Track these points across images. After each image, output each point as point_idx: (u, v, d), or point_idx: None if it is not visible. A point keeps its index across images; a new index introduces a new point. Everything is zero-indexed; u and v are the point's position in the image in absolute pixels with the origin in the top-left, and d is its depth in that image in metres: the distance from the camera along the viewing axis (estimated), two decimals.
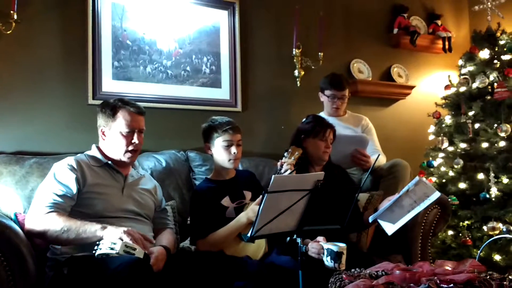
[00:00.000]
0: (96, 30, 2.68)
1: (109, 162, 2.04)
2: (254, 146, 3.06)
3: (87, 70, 2.64)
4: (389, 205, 2.01)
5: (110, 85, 2.71)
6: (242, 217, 2.11)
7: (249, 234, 1.65)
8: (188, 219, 2.34)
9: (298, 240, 1.75)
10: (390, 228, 2.02)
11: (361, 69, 3.56)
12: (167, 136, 2.84)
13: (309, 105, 3.07)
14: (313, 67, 3.27)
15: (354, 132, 2.92)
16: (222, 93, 3.05)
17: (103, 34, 2.70)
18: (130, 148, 2.04)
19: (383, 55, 3.69)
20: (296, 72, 3.25)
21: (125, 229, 1.75)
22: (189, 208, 2.31)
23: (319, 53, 3.25)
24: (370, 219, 2.07)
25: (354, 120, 3.02)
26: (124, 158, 2.04)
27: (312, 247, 1.97)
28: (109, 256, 1.65)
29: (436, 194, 1.93)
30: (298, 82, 3.27)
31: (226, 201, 2.24)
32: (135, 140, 2.04)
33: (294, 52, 3.21)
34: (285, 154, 2.21)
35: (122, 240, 1.70)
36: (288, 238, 1.78)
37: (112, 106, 2.05)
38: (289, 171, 2.10)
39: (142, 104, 2.16)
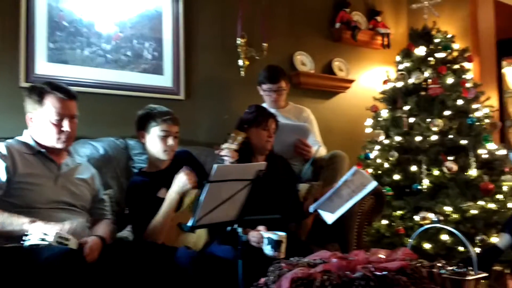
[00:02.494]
0: (30, 8, 2.52)
1: (42, 150, 1.93)
2: (196, 135, 3.03)
3: (19, 51, 2.49)
4: (329, 195, 2.06)
5: (45, 67, 2.57)
6: (171, 194, 2.06)
7: (189, 224, 1.64)
8: (126, 208, 2.27)
9: (239, 229, 1.75)
10: (330, 217, 2.08)
11: (304, 62, 3.61)
12: (106, 122, 2.74)
13: (253, 95, 3.07)
14: (257, 58, 3.27)
15: None
16: (164, 80, 2.98)
17: (37, 13, 2.55)
18: (62, 136, 1.93)
19: (325, 49, 3.76)
20: (240, 62, 3.24)
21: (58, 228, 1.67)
22: (125, 202, 2.25)
23: (263, 44, 3.25)
24: (311, 209, 2.12)
25: (295, 111, 3.05)
26: (58, 144, 1.94)
27: (253, 236, 1.98)
28: (39, 247, 1.57)
29: (373, 184, 2.01)
30: (242, 72, 3.26)
31: (162, 193, 2.18)
32: (66, 128, 1.92)
33: (238, 42, 3.20)
34: (229, 140, 2.19)
35: (54, 231, 1.62)
36: (229, 228, 1.77)
37: (39, 91, 1.91)
38: (231, 160, 2.09)
39: (79, 89, 2.07)
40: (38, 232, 1.60)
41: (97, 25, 2.75)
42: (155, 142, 2.21)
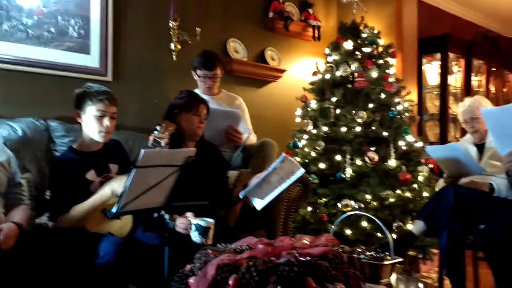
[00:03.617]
0: None
1: None
2: (124, 119, 2.91)
3: None
4: (258, 181, 2.09)
5: None
6: (106, 189, 1.99)
7: (114, 210, 1.59)
8: (46, 193, 2.16)
9: (166, 216, 1.73)
10: (259, 203, 2.12)
11: (237, 49, 3.61)
12: (25, 102, 2.57)
13: (185, 80, 3.02)
14: (190, 42, 3.22)
15: None
16: (91, 60, 2.85)
17: None
18: None
19: (258, 37, 3.77)
20: (172, 46, 3.17)
21: None
22: (49, 180, 2.14)
23: (197, 29, 3.21)
24: (241, 195, 2.14)
25: (228, 99, 3.05)
26: None
27: (180, 223, 1.97)
28: None
29: (301, 171, 2.06)
30: (174, 56, 3.20)
31: (91, 175, 2.12)
32: None
33: (170, 25, 3.12)
34: (158, 128, 2.15)
35: None
36: (156, 214, 1.75)
37: None
38: (162, 145, 2.05)
39: None
40: None
41: None
42: (91, 122, 2.12)
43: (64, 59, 2.75)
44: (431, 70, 5.14)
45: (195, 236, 1.85)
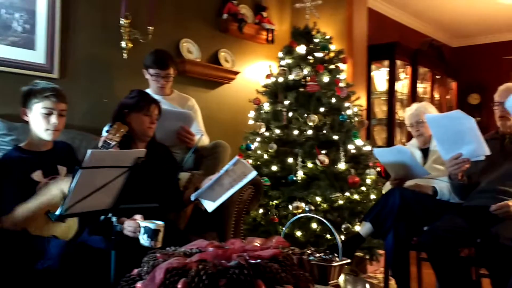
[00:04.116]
0: None
1: None
2: (71, 118, 2.78)
3: None
4: (211, 184, 2.08)
5: None
6: (54, 189, 1.91)
7: (57, 213, 1.53)
8: None
9: (113, 219, 1.69)
10: (210, 205, 2.10)
11: (190, 49, 3.57)
12: None
13: (136, 80, 2.95)
14: (141, 41, 3.15)
15: None
16: (36, 56, 2.73)
17: None
18: None
19: (212, 39, 3.75)
20: (123, 44, 3.10)
21: None
22: None
23: (149, 27, 3.15)
24: (192, 197, 2.12)
25: (180, 100, 3.01)
26: None
27: (129, 225, 1.92)
28: None
29: (253, 173, 2.07)
30: (125, 54, 3.12)
31: (37, 176, 2.03)
32: None
33: (122, 22, 3.05)
34: (108, 129, 2.10)
35: None
36: (103, 217, 1.70)
37: None
38: (112, 146, 1.99)
39: None
40: None
41: None
42: (38, 120, 2.04)
43: (8, 54, 2.62)
44: (380, 76, 5.31)
45: (144, 239, 1.81)
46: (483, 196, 2.43)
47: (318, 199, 3.18)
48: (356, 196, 3.25)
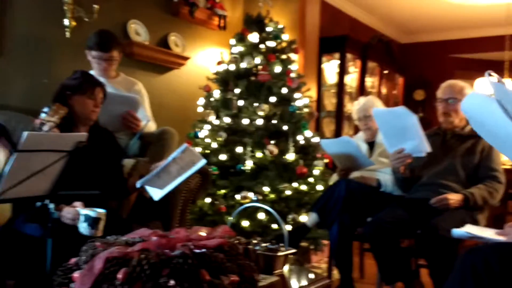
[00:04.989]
0: None
1: None
2: (8, 98, 2.67)
3: None
4: (157, 171, 2.02)
5: None
6: None
7: None
8: None
9: (51, 205, 1.60)
10: (157, 193, 2.04)
11: (138, 31, 3.44)
12: None
13: (80, 60, 2.80)
14: (86, 19, 3.00)
15: None
16: None
17: None
18: None
19: (162, 21, 3.64)
20: (66, 22, 2.93)
21: None
22: None
23: (94, 6, 3.00)
24: (138, 185, 2.05)
25: (126, 83, 2.89)
26: None
27: (67, 213, 1.82)
28: None
29: (202, 161, 2.03)
30: (67, 33, 2.96)
31: None
32: None
33: None
34: (46, 110, 1.97)
35: None
36: (39, 203, 1.60)
37: None
38: (47, 128, 1.88)
39: None
40: None
41: None
42: None
43: None
44: (330, 69, 5.37)
45: (83, 228, 1.73)
46: (425, 189, 2.52)
47: (266, 189, 3.18)
48: (303, 187, 3.28)
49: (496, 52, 5.98)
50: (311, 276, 1.91)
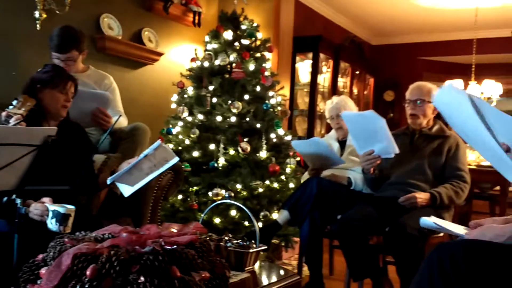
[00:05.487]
0: None
1: None
2: None
3: None
4: (129, 167, 2.00)
5: None
6: None
7: None
8: None
9: (18, 200, 1.56)
10: (127, 190, 2.01)
11: (111, 26, 3.40)
12: None
13: (50, 54, 2.75)
14: (58, 12, 2.94)
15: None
16: None
17: None
18: None
19: (135, 16, 3.60)
20: (36, 14, 2.87)
21: None
22: None
23: None
24: (108, 181, 2.02)
25: (97, 77, 2.84)
26: None
27: (35, 208, 1.78)
28: None
29: (175, 159, 2.01)
30: (38, 25, 2.89)
31: None
32: None
33: None
34: (14, 103, 1.93)
35: None
36: (5, 199, 1.57)
37: None
38: (14, 122, 1.83)
39: None
40: None
41: None
42: None
43: None
44: (303, 68, 5.41)
45: (51, 224, 1.69)
46: (393, 188, 2.57)
47: (239, 186, 3.19)
48: (275, 185, 3.30)
49: (464, 55, 6.15)
50: (282, 272, 1.93)
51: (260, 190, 3.23)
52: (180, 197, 3.25)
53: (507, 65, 6.69)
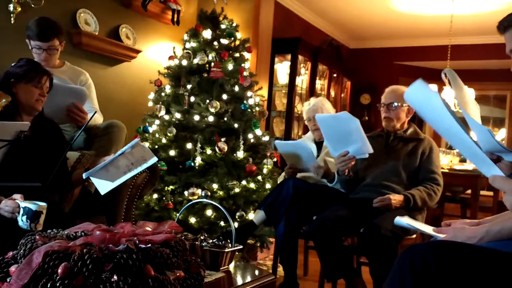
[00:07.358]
0: None
1: None
2: None
3: None
4: (105, 164, 1.97)
5: None
6: None
7: None
8: None
9: None
10: (103, 187, 1.98)
11: (88, 21, 3.34)
12: None
13: (25, 48, 2.68)
14: (33, 6, 2.88)
15: None
16: None
17: None
18: None
19: (113, 12, 3.55)
20: (11, 7, 2.80)
21: None
22: None
23: None
24: (84, 175, 1.99)
25: (72, 73, 2.79)
26: None
27: (6, 205, 1.74)
28: None
29: (154, 159, 2.00)
30: (12, 19, 2.83)
31: None
32: None
33: None
34: None
35: None
36: None
37: None
38: None
39: None
40: None
41: None
42: None
43: None
44: (282, 69, 5.44)
45: (22, 221, 1.66)
46: (368, 190, 2.61)
47: (215, 186, 3.17)
48: (252, 185, 3.30)
49: (439, 61, 6.28)
50: (257, 272, 1.93)
51: (237, 190, 3.22)
52: (155, 196, 3.21)
53: (480, 71, 6.86)
